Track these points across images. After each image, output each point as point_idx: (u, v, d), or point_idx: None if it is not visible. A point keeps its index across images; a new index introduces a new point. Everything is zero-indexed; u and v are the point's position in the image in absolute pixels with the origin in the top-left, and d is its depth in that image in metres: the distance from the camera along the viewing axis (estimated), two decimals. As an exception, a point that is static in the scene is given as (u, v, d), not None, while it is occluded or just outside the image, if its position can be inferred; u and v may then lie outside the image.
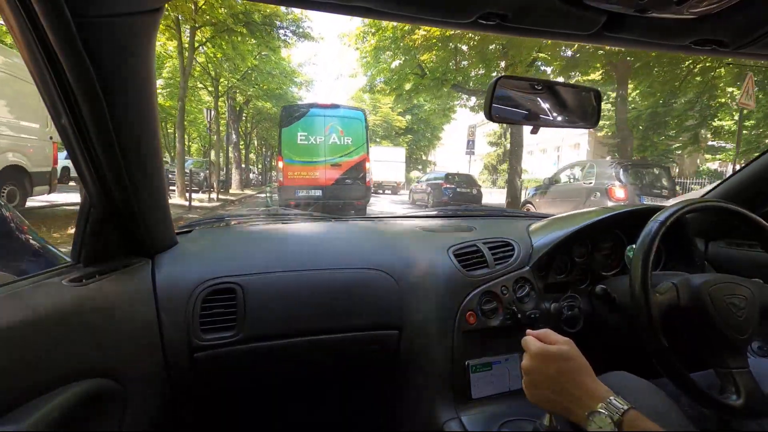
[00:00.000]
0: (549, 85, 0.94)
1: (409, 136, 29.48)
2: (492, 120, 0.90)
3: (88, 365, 0.65)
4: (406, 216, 1.58)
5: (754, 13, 0.55)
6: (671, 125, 13.23)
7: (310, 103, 8.84)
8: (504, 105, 0.89)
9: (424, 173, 31.43)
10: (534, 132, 0.97)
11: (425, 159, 33.68)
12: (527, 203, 9.20)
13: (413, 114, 28.52)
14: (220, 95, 15.31)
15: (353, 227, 1.32)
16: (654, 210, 0.84)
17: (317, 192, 7.79)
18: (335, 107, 8.17)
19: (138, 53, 0.62)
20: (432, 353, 0.97)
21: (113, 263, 0.82)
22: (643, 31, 0.61)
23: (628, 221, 1.06)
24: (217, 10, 10.07)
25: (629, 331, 0.91)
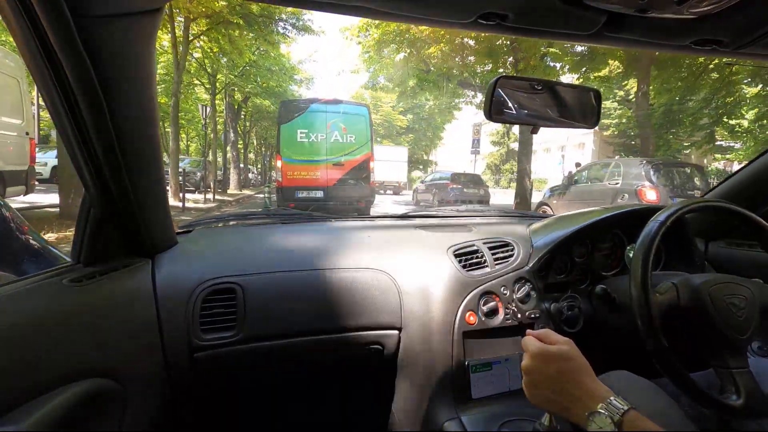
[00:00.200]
0: (549, 85, 0.94)
1: (411, 135, 29.25)
2: (492, 120, 0.90)
3: (88, 365, 0.65)
4: (406, 216, 1.58)
5: (754, 13, 0.55)
6: (685, 123, 12.59)
7: (310, 99, 8.35)
8: (504, 105, 0.89)
9: (425, 173, 31.29)
10: (534, 132, 0.97)
11: (426, 159, 33.53)
12: (543, 205, 8.59)
13: (414, 113, 28.32)
14: (217, 92, 14.94)
15: (353, 227, 1.32)
16: (654, 210, 0.84)
17: (318, 193, 7.43)
18: (337, 103, 7.69)
19: (138, 53, 0.62)
20: (432, 353, 0.97)
21: (113, 263, 0.82)
22: (643, 31, 0.61)
23: (628, 221, 1.06)
24: (213, 1, 9.56)
25: (629, 331, 0.91)
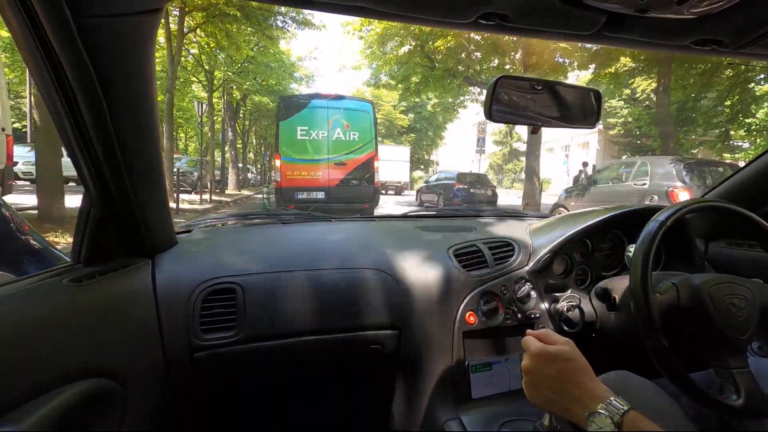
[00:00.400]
0: (549, 85, 0.94)
1: (412, 135, 29.02)
2: (492, 120, 0.90)
3: (88, 365, 0.65)
4: (406, 216, 1.58)
5: (754, 13, 0.55)
6: (698, 122, 12.18)
7: (311, 94, 7.81)
8: (504, 105, 0.89)
9: (426, 173, 31.16)
10: (534, 132, 0.97)
11: (428, 158, 33.39)
12: (559, 207, 8.12)
13: (416, 112, 28.12)
14: (214, 89, 14.48)
15: (353, 227, 1.32)
16: (654, 210, 0.84)
17: (319, 194, 7.02)
18: (340, 98, 7.19)
19: (138, 53, 0.62)
20: (432, 353, 0.97)
21: (113, 263, 0.82)
22: (643, 31, 0.61)
23: (628, 221, 1.06)
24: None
25: (629, 331, 0.91)
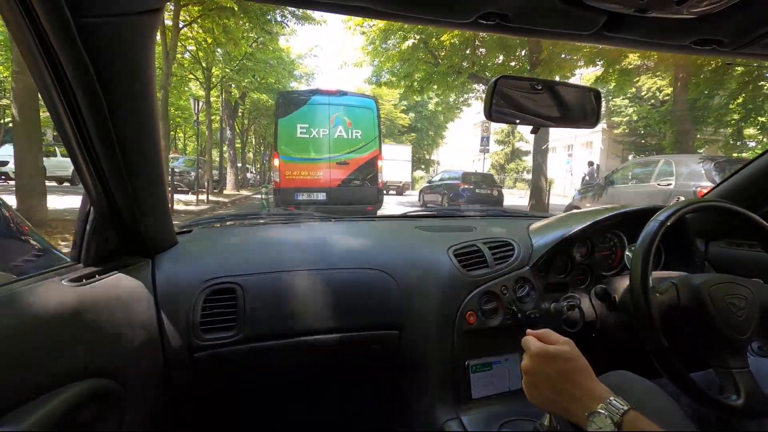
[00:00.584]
0: (549, 85, 0.94)
1: (413, 134, 28.84)
2: (491, 120, 0.90)
3: (88, 365, 0.65)
4: (406, 216, 1.58)
5: (754, 13, 0.55)
6: (709, 120, 11.70)
7: (312, 89, 7.44)
8: (504, 105, 0.89)
9: (427, 173, 31.04)
10: (534, 132, 0.97)
11: (428, 158, 33.28)
12: (574, 208, 7.84)
13: (417, 111, 27.97)
14: (212, 87, 14.09)
15: (353, 227, 1.32)
16: (654, 210, 0.84)
17: (320, 195, 6.71)
18: (342, 94, 6.84)
19: (138, 53, 0.62)
20: (432, 353, 0.97)
21: (113, 263, 0.82)
22: (644, 31, 0.61)
23: (628, 221, 1.06)
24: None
25: (629, 331, 0.91)
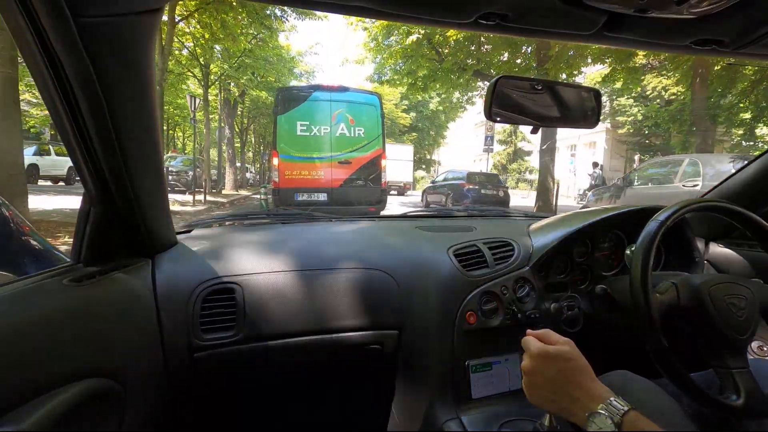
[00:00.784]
0: (549, 85, 0.94)
1: (414, 134, 28.72)
2: (491, 120, 0.90)
3: (88, 365, 0.65)
4: (406, 216, 1.58)
5: (754, 13, 0.55)
6: (719, 120, 11.35)
7: (312, 85, 7.21)
8: (504, 105, 0.89)
9: (428, 173, 30.92)
10: (534, 132, 0.97)
11: (430, 158, 33.22)
12: None
13: (418, 111, 27.88)
14: (210, 84, 13.89)
15: (353, 227, 1.32)
16: (654, 210, 0.84)
17: (321, 195, 6.49)
18: (344, 90, 6.60)
19: (138, 53, 0.62)
20: (432, 353, 0.97)
21: (113, 263, 0.82)
22: (643, 32, 0.61)
23: (628, 221, 1.06)
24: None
25: (629, 331, 0.91)
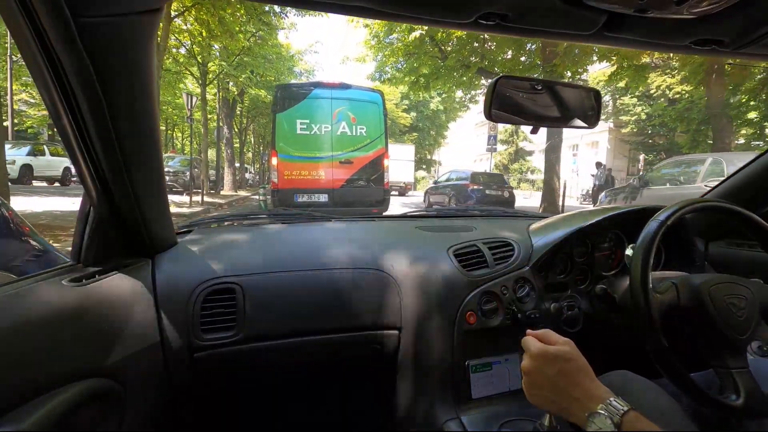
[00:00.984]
0: (549, 85, 0.94)
1: (414, 134, 28.64)
2: (491, 120, 0.90)
3: (88, 365, 0.65)
4: (406, 216, 1.58)
5: (754, 13, 0.55)
6: (729, 118, 10.95)
7: (313, 82, 7.01)
8: (504, 105, 0.89)
9: (429, 173, 30.80)
10: (534, 132, 0.97)
11: (430, 158, 33.15)
12: None
13: (418, 111, 27.83)
14: (208, 83, 13.59)
15: (353, 227, 1.32)
16: (654, 210, 0.84)
17: (322, 197, 6.31)
18: (345, 87, 6.36)
19: (138, 53, 0.62)
20: (432, 353, 0.97)
21: (113, 263, 0.82)
22: (643, 32, 0.61)
23: (628, 221, 1.06)
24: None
25: (629, 331, 0.91)
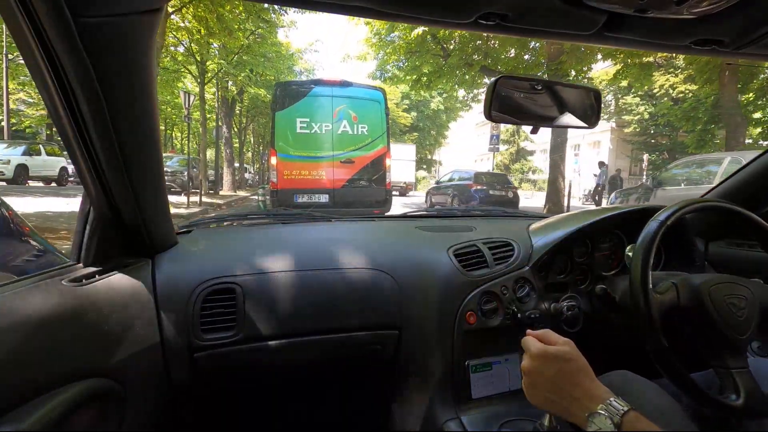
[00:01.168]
0: (549, 86, 0.94)
1: (415, 134, 28.53)
2: (491, 120, 0.90)
3: (88, 365, 0.65)
4: (406, 216, 1.58)
5: (754, 13, 0.55)
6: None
7: (313, 80, 6.90)
8: (504, 105, 0.89)
9: (429, 173, 30.75)
10: (534, 132, 0.97)
11: (431, 158, 33.09)
12: None
13: (419, 111, 27.74)
14: (207, 81, 13.59)
15: (353, 227, 1.32)
16: (654, 210, 0.84)
17: (322, 197, 6.20)
18: (346, 85, 6.26)
19: (138, 53, 0.62)
20: (432, 353, 0.97)
21: (113, 263, 0.82)
22: (643, 32, 0.61)
23: (628, 221, 1.06)
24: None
25: (629, 331, 0.91)
